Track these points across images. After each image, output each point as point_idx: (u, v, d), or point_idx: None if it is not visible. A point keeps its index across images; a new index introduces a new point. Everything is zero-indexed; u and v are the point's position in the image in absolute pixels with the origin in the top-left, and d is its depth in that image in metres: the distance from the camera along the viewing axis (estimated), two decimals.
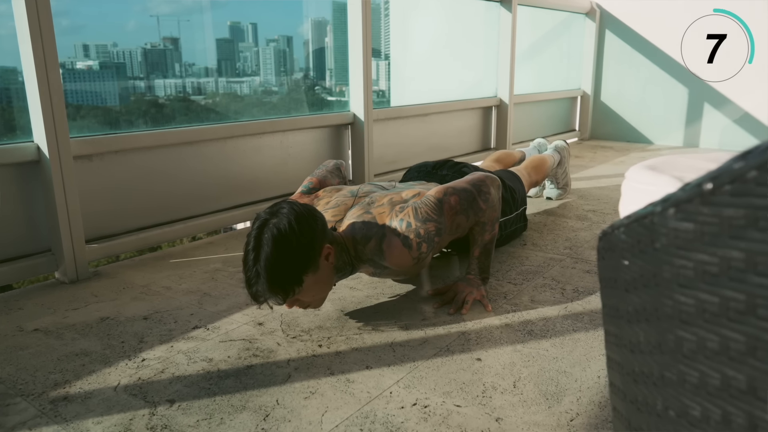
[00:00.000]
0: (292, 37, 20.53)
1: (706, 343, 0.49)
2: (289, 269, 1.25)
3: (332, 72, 8.94)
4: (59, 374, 1.22)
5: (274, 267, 1.22)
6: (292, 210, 1.28)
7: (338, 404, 1.10)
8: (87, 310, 1.55)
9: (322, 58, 20.23)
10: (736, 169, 0.45)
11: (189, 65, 11.32)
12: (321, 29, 27.70)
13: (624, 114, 4.60)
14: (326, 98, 11.71)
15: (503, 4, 3.63)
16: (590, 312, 1.48)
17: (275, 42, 33.03)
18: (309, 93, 10.99)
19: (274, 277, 1.23)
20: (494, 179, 1.58)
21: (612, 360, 0.71)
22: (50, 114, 1.65)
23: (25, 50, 1.61)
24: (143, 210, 2.03)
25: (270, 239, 1.23)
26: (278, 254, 1.23)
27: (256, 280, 1.24)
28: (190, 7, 3.53)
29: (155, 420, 1.06)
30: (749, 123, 4.03)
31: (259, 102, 6.59)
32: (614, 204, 2.60)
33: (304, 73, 11.95)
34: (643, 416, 0.63)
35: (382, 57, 6.20)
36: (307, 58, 23.45)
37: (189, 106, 5.96)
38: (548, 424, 1.02)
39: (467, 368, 1.22)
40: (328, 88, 10.20)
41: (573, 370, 1.20)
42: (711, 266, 0.48)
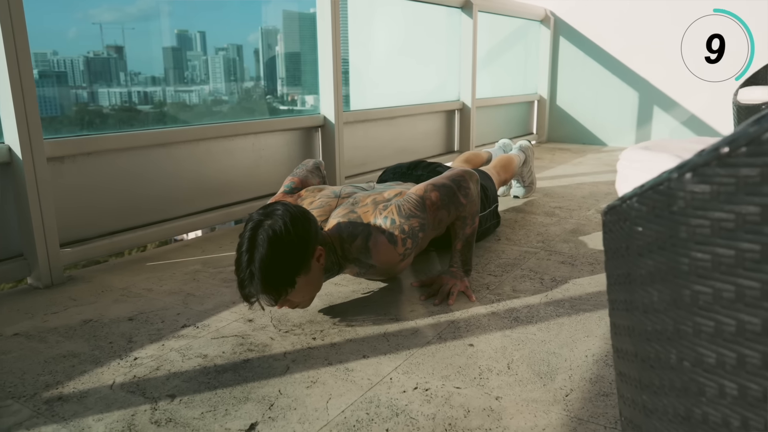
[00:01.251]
0: (242, 46, 19.96)
1: (722, 293, 0.54)
2: (283, 271, 1.26)
3: (284, 80, 8.85)
4: (49, 376, 1.20)
5: (268, 268, 1.23)
6: (287, 211, 1.29)
7: (341, 391, 1.11)
8: (67, 314, 1.52)
9: (273, 67, 19.76)
10: (752, 132, 0.50)
11: (135, 74, 11.11)
12: (272, 38, 27.58)
13: (579, 117, 4.78)
14: (278, 107, 11.68)
15: (464, 11, 3.72)
16: (570, 299, 1.55)
17: (224, 50, 32.15)
18: (260, 101, 10.91)
19: (267, 278, 1.23)
20: (472, 174, 1.63)
21: (619, 326, 0.76)
22: (23, 114, 1.61)
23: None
24: (116, 213, 1.99)
25: (265, 240, 1.24)
26: (273, 255, 1.24)
27: (250, 281, 1.24)
28: (135, 15, 3.40)
29: (158, 414, 1.05)
30: (695, 124, 4.25)
31: (209, 111, 6.50)
32: (578, 200, 2.70)
33: (255, 81, 11.74)
34: (655, 372, 0.67)
35: None
36: (257, 66, 23.28)
37: (135, 116, 5.88)
38: (545, 400, 1.07)
39: (461, 353, 1.26)
40: (279, 97, 10.08)
41: (561, 351, 1.26)
42: (727, 222, 0.53)
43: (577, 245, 2.02)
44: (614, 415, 1.02)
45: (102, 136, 1.91)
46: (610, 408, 1.04)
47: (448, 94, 3.86)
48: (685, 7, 4.10)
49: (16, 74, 1.58)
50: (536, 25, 4.74)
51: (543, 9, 4.66)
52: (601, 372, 1.17)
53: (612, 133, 4.65)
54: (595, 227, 2.25)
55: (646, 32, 4.32)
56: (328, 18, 2.61)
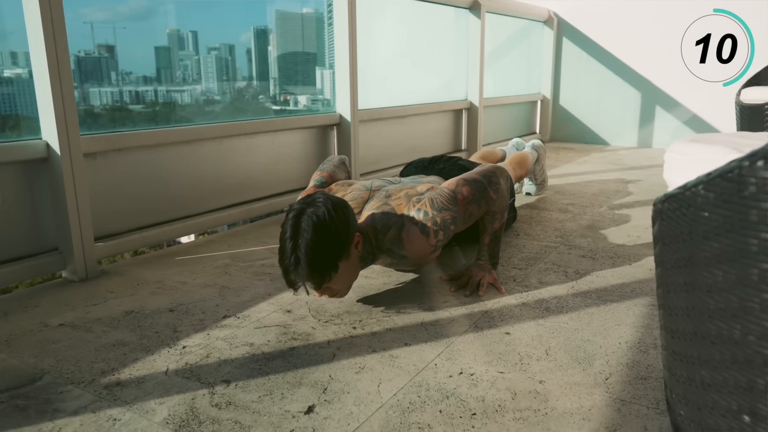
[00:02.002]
0: (234, 46, 19.82)
1: None
2: (327, 255, 1.31)
3: (276, 80, 8.83)
4: (103, 363, 1.23)
5: (314, 252, 1.28)
6: (328, 199, 1.34)
7: (389, 376, 1.16)
8: (108, 305, 1.55)
9: (266, 67, 20.13)
10: None
11: (126, 74, 11.03)
12: (264, 38, 27.27)
13: (581, 117, 4.84)
14: (271, 107, 11.72)
15: (472, 11, 3.78)
16: (596, 290, 1.60)
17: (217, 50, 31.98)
18: (253, 101, 10.95)
19: (313, 262, 1.28)
20: (503, 170, 1.68)
21: (675, 308, 0.81)
22: (62, 111, 1.64)
23: (36, 46, 1.60)
24: (144, 209, 2.03)
25: (310, 226, 1.29)
26: (318, 240, 1.28)
27: (296, 266, 1.29)
28: (127, 14, 3.34)
29: (216, 398, 1.09)
30: (696, 124, 4.32)
31: (201, 111, 6.49)
32: (589, 198, 2.76)
33: (247, 81, 11.64)
34: (716, 347, 0.72)
35: (327, 66, 6.25)
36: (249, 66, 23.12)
37: (127, 115, 5.84)
38: (587, 383, 1.12)
39: (499, 341, 1.31)
40: (272, 97, 10.02)
41: (595, 339, 1.31)
42: None
43: (595, 240, 2.07)
44: (654, 396, 1.07)
45: (134, 132, 1.94)
46: (650, 390, 1.09)
47: (454, 94, 3.91)
48: (685, 8, 4.17)
49: (56, 73, 1.61)
50: (539, 26, 4.81)
51: (546, 10, 4.72)
52: (636, 357, 1.22)
53: (614, 133, 4.72)
54: (609, 223, 2.31)
55: (648, 33, 4.39)
56: (345, 19, 2.65)
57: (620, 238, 2.09)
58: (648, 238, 2.08)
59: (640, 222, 2.32)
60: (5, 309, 1.55)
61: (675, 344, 0.84)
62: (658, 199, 0.83)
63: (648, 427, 0.98)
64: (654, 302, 1.51)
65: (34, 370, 1.21)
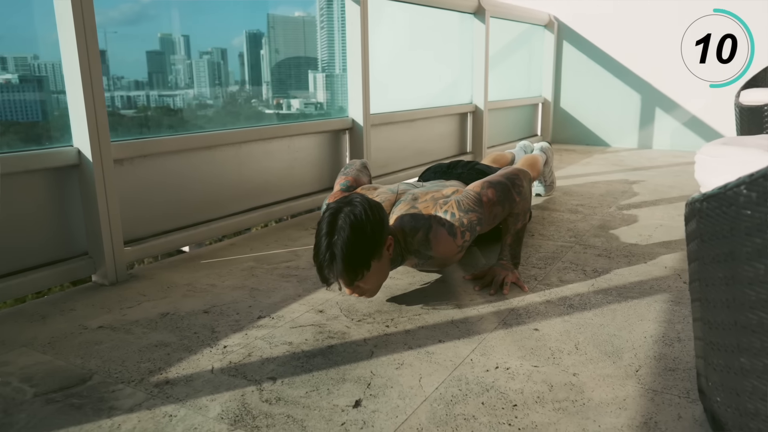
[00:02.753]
0: (227, 50, 19.89)
1: None
2: (362, 253, 1.36)
3: (269, 85, 8.90)
4: (149, 363, 1.28)
5: (350, 250, 1.33)
6: (365, 200, 1.39)
7: (429, 371, 1.21)
8: (142, 308, 1.59)
9: (258, 71, 19.78)
10: None
11: (117, 78, 10.93)
12: (256, 42, 27.51)
13: (582, 119, 4.91)
14: (264, 111, 11.59)
15: (476, 16, 3.84)
16: (615, 288, 1.66)
17: (209, 54, 32.30)
18: (245, 105, 10.90)
19: (348, 259, 1.33)
20: (526, 173, 1.73)
21: (713, 300, 0.86)
22: (93, 117, 1.68)
23: (68, 54, 1.64)
24: (168, 213, 2.07)
25: (347, 224, 1.34)
26: (354, 238, 1.34)
27: (331, 262, 1.34)
28: (117, 18, 3.39)
29: (266, 394, 1.14)
30: (696, 125, 4.40)
31: (193, 115, 6.47)
32: (597, 198, 2.82)
33: (240, 85, 11.76)
34: (757, 336, 0.77)
35: (320, 69, 6.23)
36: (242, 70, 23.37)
37: (120, 120, 5.76)
38: (618, 375, 1.17)
39: (529, 337, 1.36)
40: (265, 101, 10.17)
41: (621, 333, 1.36)
42: None
43: (608, 239, 2.13)
44: (685, 387, 1.12)
45: (160, 139, 1.99)
46: (679, 381, 1.14)
47: (459, 98, 3.97)
48: (685, 8, 4.25)
49: (88, 81, 1.65)
50: (540, 30, 4.88)
51: (547, 14, 4.80)
52: (662, 350, 1.27)
53: (615, 135, 4.79)
54: (620, 223, 2.37)
55: (648, 35, 4.47)
56: (357, 26, 2.70)
57: (632, 238, 2.15)
58: (660, 237, 2.14)
59: (649, 221, 2.38)
60: (42, 312, 1.58)
61: (712, 335, 0.89)
62: (695, 199, 0.89)
63: (682, 415, 1.03)
64: (673, 298, 1.57)
65: (82, 370, 1.25)
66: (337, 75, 10.14)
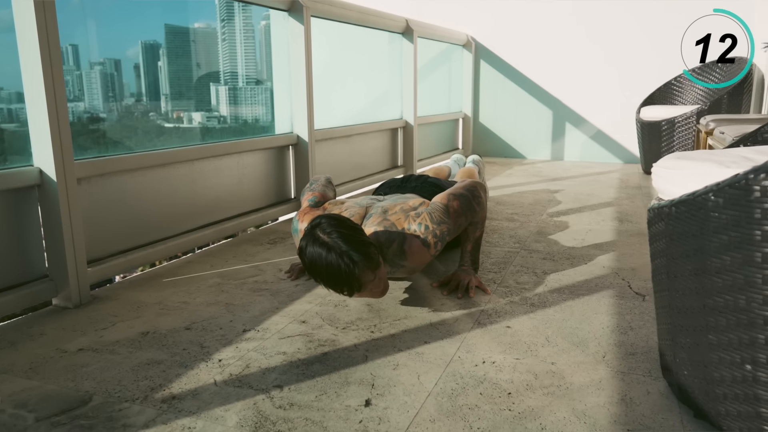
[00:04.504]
0: (121, 61, 19.17)
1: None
2: (359, 239, 1.44)
3: (168, 97, 8.69)
4: (147, 380, 1.28)
5: (350, 240, 1.41)
6: (324, 214, 1.50)
7: (424, 370, 1.31)
8: (118, 329, 1.57)
9: (156, 84, 19.21)
10: None
11: None
12: (153, 53, 26.34)
13: (500, 133, 5.24)
14: (163, 124, 11.20)
15: (405, 36, 4.02)
16: (566, 287, 1.84)
17: (101, 65, 30.86)
18: (143, 119, 10.45)
19: (355, 246, 1.41)
20: (482, 184, 1.88)
21: (683, 289, 1.02)
22: (57, 136, 1.65)
23: (31, 72, 1.60)
24: (126, 232, 2.03)
25: (332, 228, 1.43)
26: (345, 231, 1.43)
27: (351, 263, 1.39)
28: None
29: (277, 401, 1.19)
30: (601, 138, 4.84)
31: (84, 129, 6.21)
32: (528, 207, 3.05)
33: (136, 98, 11.21)
34: (723, 315, 0.94)
35: (222, 82, 6.18)
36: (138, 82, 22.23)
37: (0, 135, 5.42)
38: (590, 362, 1.33)
39: (504, 334, 1.49)
40: (164, 115, 9.76)
41: (582, 326, 1.53)
42: None
43: (548, 244, 2.34)
44: (646, 367, 1.30)
45: (121, 156, 1.95)
46: (641, 363, 1.32)
47: (390, 114, 4.12)
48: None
49: (52, 98, 1.62)
50: (459, 49, 5.16)
51: (465, 34, 5.09)
52: (620, 338, 1.45)
53: (530, 148, 5.15)
54: (554, 229, 2.59)
55: (558, 56, 4.86)
56: (302, 44, 2.78)
57: (569, 242, 2.37)
58: (592, 240, 2.37)
59: (579, 227, 2.63)
60: (8, 338, 1.52)
61: (680, 318, 1.06)
62: (661, 204, 1.05)
63: (650, 390, 1.20)
64: (617, 293, 1.77)
65: (78, 392, 1.24)
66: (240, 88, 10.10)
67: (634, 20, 4.59)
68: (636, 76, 4.61)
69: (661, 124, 3.91)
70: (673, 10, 4.46)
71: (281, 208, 2.84)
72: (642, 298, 1.73)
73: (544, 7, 4.85)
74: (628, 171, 4.36)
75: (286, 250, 2.32)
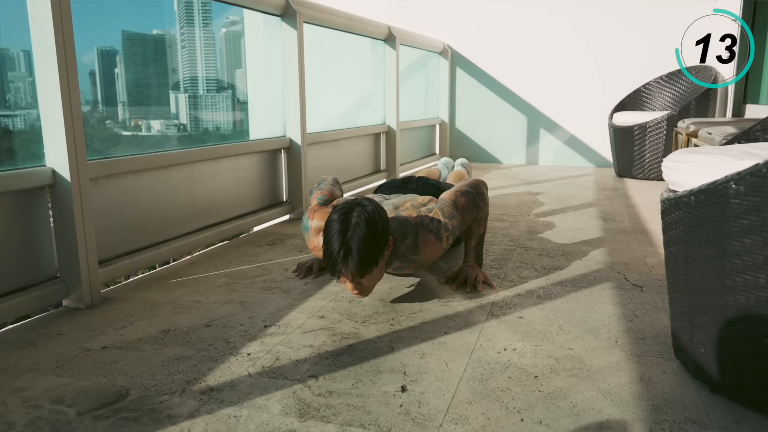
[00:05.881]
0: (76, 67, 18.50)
1: None
2: (374, 249, 1.49)
3: (125, 105, 8.65)
4: (180, 374, 1.30)
5: (365, 244, 1.46)
6: (373, 201, 1.53)
7: (450, 357, 1.36)
8: (138, 327, 1.58)
9: (113, 90, 18.73)
10: None
11: None
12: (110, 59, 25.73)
13: (476, 138, 5.36)
14: (121, 133, 10.97)
15: (387, 43, 4.09)
16: (568, 280, 1.93)
17: None
18: (99, 127, 10.27)
19: (363, 253, 1.46)
20: (484, 182, 1.96)
21: (702, 271, 1.11)
22: (72, 135, 1.65)
23: (45, 69, 1.60)
24: (134, 232, 2.03)
25: (362, 221, 1.47)
26: (369, 234, 1.47)
27: (346, 256, 1.45)
28: None
29: (316, 389, 1.22)
30: (574, 143, 5.01)
31: (37, 137, 6.09)
32: (514, 208, 3.15)
33: (92, 105, 11.09)
34: (743, 294, 1.03)
35: (182, 90, 6.17)
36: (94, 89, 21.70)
37: None
38: (604, 347, 1.41)
39: (518, 323, 1.56)
40: (121, 122, 9.63)
41: (590, 315, 1.61)
42: None
43: (541, 242, 2.43)
44: (657, 350, 1.39)
45: (131, 158, 1.96)
46: (651, 346, 1.41)
47: (372, 119, 4.18)
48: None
49: (67, 97, 1.62)
50: (436, 57, 5.27)
51: (441, 42, 5.20)
52: (628, 325, 1.54)
53: (505, 153, 5.28)
54: (543, 228, 2.69)
55: (531, 62, 5.01)
56: (295, 51, 2.81)
57: (560, 239, 2.47)
58: (582, 238, 2.48)
59: (567, 226, 2.73)
60: (27, 339, 1.51)
61: (698, 300, 1.14)
62: (681, 194, 1.14)
63: (665, 370, 1.29)
64: (615, 285, 1.86)
65: (114, 387, 1.25)
66: (201, 95, 10.12)
67: (604, 31, 4.78)
68: (607, 83, 4.80)
69: (634, 129, 4.09)
70: (641, 20, 4.67)
71: (275, 210, 2.86)
72: (640, 289, 1.83)
73: (518, 16, 5.00)
74: (602, 174, 4.53)
75: (287, 251, 2.34)
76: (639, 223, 2.78)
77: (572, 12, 4.85)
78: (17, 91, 21.94)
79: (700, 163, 1.15)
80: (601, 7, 4.77)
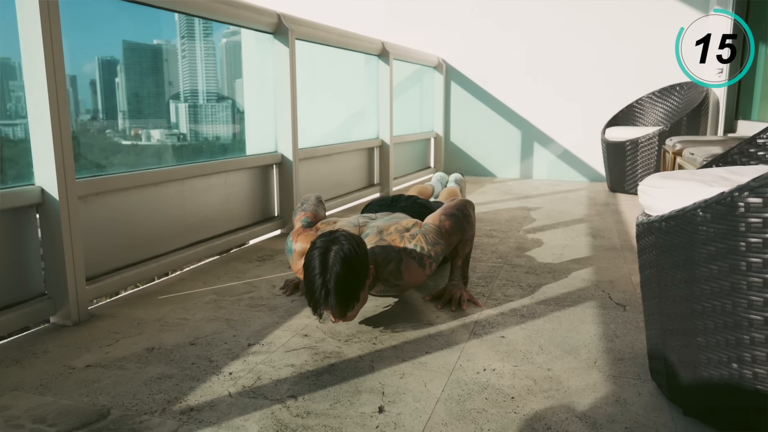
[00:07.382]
0: (76, 77, 18.67)
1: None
2: (353, 288, 1.50)
3: (125, 114, 8.70)
4: (161, 394, 1.31)
5: (343, 285, 1.47)
6: (350, 236, 1.54)
7: (430, 378, 1.38)
8: (123, 345, 1.59)
9: (113, 100, 18.93)
10: None
11: None
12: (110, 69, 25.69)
13: (470, 152, 5.39)
14: (121, 142, 10.90)
15: (381, 58, 4.13)
16: (552, 298, 1.94)
17: None
18: (99, 137, 10.20)
19: (342, 294, 1.47)
20: (471, 203, 1.98)
21: (673, 296, 1.13)
22: (61, 155, 1.67)
23: (35, 88, 1.63)
24: (122, 249, 2.05)
25: (338, 262, 1.47)
26: (346, 275, 1.48)
27: (326, 298, 1.47)
28: None
29: (294, 410, 1.24)
30: (568, 158, 5.04)
31: None
32: (504, 224, 3.17)
33: (92, 114, 11.14)
34: (710, 319, 1.04)
35: (182, 99, 6.22)
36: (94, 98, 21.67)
37: None
38: (583, 367, 1.42)
39: (499, 343, 1.58)
40: (121, 132, 9.67)
41: (571, 335, 1.63)
42: None
43: (528, 259, 2.45)
44: (635, 371, 1.40)
45: (120, 175, 1.98)
46: (629, 367, 1.42)
47: (366, 133, 4.22)
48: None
49: (56, 117, 1.65)
50: (431, 71, 5.31)
51: (436, 56, 5.24)
52: (608, 345, 1.55)
53: (499, 166, 5.31)
54: (532, 244, 2.71)
55: (524, 78, 5.06)
56: (287, 67, 2.85)
57: (548, 257, 2.48)
58: (570, 255, 2.49)
59: (556, 242, 2.75)
60: (12, 357, 1.53)
61: (670, 323, 1.16)
62: (651, 220, 1.16)
63: (640, 391, 1.30)
64: (599, 304, 1.88)
65: (95, 407, 1.26)
66: (201, 105, 10.22)
67: (598, 46, 4.83)
68: (600, 98, 4.84)
69: (626, 144, 4.12)
70: (631, 38, 4.71)
71: (266, 225, 2.88)
72: (623, 308, 1.85)
73: (513, 31, 5.05)
74: (595, 189, 4.56)
75: (276, 267, 2.36)
76: (628, 240, 2.80)
77: (566, 28, 4.90)
78: (18, 100, 21.58)
79: (672, 189, 1.17)
80: (596, 21, 4.82)
